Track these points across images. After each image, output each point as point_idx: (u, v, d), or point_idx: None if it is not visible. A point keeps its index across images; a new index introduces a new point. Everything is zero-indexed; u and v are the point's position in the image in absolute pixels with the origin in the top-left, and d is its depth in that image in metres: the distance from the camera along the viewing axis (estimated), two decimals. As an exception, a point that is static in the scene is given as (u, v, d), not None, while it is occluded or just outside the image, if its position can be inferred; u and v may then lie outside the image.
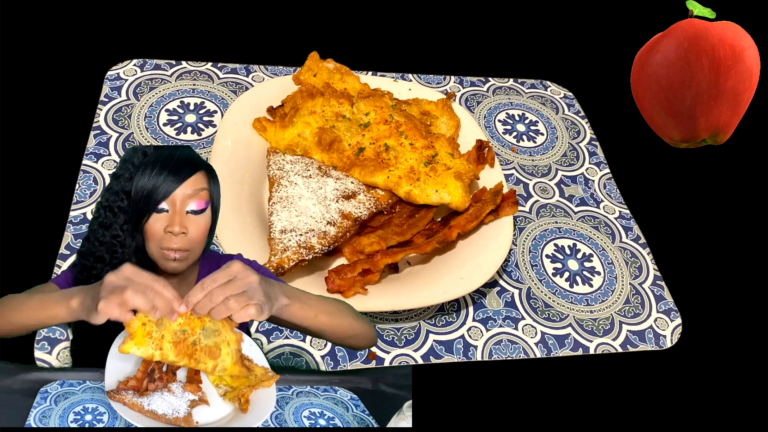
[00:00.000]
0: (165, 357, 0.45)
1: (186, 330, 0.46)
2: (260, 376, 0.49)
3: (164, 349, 0.45)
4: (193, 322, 0.46)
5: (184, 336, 0.46)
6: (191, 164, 0.54)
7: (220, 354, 0.47)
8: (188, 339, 0.46)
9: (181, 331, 0.46)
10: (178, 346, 0.45)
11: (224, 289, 0.45)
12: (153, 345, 0.44)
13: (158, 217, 0.52)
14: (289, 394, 0.53)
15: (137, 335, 0.44)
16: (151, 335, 0.44)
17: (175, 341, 0.45)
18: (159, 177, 0.52)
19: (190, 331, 0.46)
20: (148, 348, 0.44)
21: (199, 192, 0.53)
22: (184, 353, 0.45)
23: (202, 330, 0.46)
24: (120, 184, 0.53)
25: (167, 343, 0.45)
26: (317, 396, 0.54)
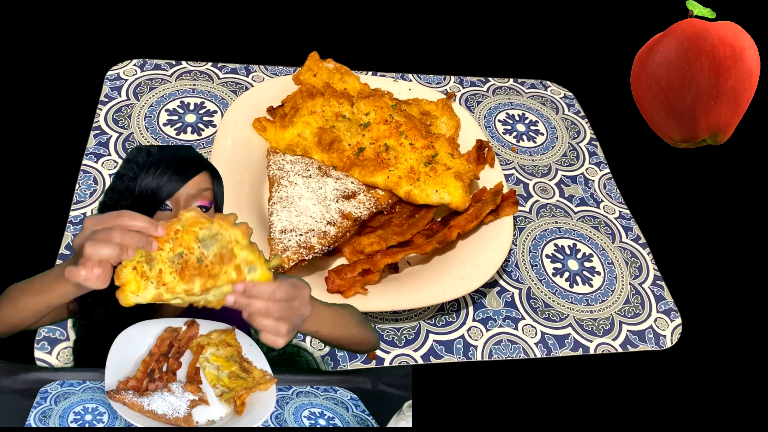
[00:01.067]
0: (173, 290, 0.41)
1: (182, 252, 0.41)
2: (258, 378, 0.49)
3: (168, 282, 0.41)
4: (185, 239, 0.41)
5: (183, 259, 0.41)
6: (195, 164, 0.54)
7: (234, 255, 0.43)
8: (190, 259, 0.42)
9: (177, 256, 0.41)
10: (183, 272, 0.41)
11: (284, 309, 0.44)
12: (154, 284, 0.41)
13: (162, 215, 0.52)
14: (289, 394, 0.53)
15: (129, 282, 0.40)
16: (146, 275, 0.40)
17: (176, 269, 0.41)
18: (163, 177, 0.52)
19: (187, 250, 0.42)
20: (150, 289, 0.40)
21: (203, 192, 0.53)
22: (193, 275, 0.41)
23: (200, 242, 0.42)
24: (124, 183, 0.53)
25: (169, 275, 0.41)
26: (317, 396, 0.54)
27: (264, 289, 0.43)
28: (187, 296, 0.42)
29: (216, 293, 0.43)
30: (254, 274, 0.43)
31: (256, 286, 0.43)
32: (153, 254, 0.41)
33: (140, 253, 0.41)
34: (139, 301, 0.41)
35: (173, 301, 0.42)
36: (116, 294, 0.41)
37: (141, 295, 0.40)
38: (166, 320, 0.51)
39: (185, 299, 0.42)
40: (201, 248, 0.42)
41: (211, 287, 0.42)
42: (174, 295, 0.41)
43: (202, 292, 0.42)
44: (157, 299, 0.41)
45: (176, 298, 0.42)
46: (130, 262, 0.40)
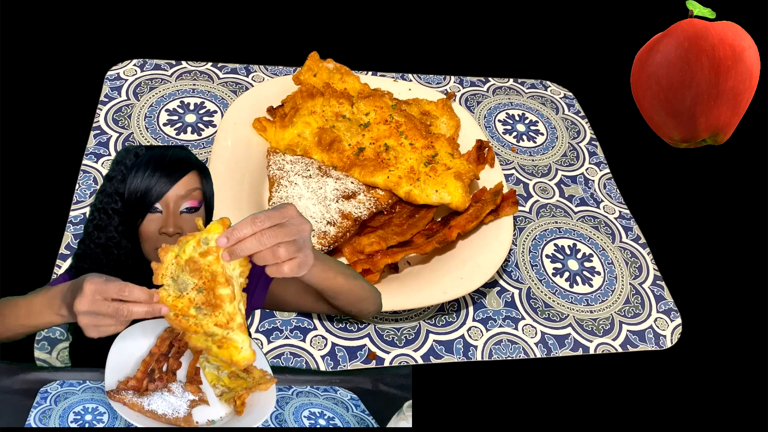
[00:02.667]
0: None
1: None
2: (258, 378, 0.49)
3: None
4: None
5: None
6: (183, 164, 0.54)
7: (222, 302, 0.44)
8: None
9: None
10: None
11: (276, 233, 0.41)
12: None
13: (152, 217, 0.52)
14: (289, 394, 0.53)
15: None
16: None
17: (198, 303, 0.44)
18: (152, 178, 0.52)
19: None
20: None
21: (192, 192, 0.53)
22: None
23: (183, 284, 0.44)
24: (113, 186, 0.53)
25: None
26: (317, 396, 0.53)
27: (244, 226, 0.42)
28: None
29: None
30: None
31: (236, 228, 0.42)
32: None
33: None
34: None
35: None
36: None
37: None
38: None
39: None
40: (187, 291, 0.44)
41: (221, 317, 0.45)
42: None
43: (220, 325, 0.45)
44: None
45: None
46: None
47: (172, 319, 0.44)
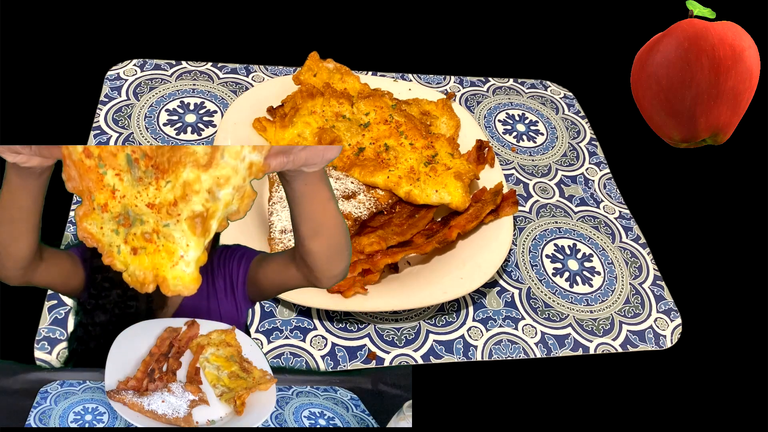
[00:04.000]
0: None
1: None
2: (258, 378, 0.49)
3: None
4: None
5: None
6: None
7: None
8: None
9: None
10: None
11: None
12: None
13: None
14: (289, 394, 0.53)
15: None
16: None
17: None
18: None
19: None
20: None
21: None
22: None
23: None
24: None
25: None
26: (317, 396, 0.54)
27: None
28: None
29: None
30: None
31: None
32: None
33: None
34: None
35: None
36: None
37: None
38: (166, 320, 0.51)
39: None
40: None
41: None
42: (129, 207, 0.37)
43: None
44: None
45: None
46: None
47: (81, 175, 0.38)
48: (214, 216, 0.37)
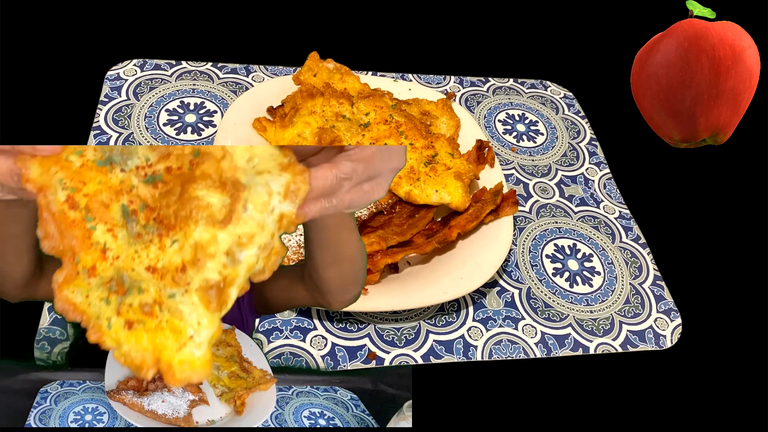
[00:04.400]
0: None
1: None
2: (258, 378, 0.49)
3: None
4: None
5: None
6: None
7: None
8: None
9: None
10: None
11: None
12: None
13: None
14: (289, 394, 0.53)
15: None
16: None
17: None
18: None
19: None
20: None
21: None
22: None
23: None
24: None
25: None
26: (317, 396, 0.54)
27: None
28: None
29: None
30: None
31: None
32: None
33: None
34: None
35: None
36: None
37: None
38: (166, 320, 0.51)
39: None
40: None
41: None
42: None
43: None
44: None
45: None
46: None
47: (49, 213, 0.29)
48: (233, 283, 0.29)
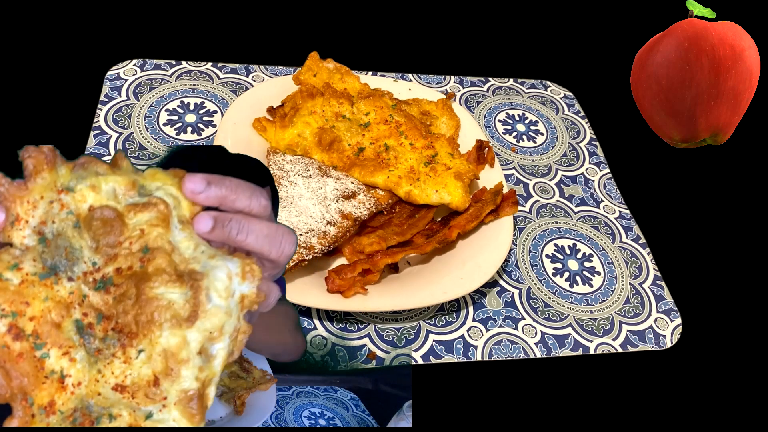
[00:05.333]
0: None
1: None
2: (258, 378, 0.49)
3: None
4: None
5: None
6: (263, 177, 0.52)
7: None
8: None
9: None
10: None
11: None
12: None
13: None
14: (289, 394, 0.53)
15: None
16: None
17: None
18: None
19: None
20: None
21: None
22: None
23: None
24: None
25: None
26: (317, 396, 0.54)
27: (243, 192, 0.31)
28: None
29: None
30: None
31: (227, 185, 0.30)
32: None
33: None
34: None
35: None
36: None
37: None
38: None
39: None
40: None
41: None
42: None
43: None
44: None
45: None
46: None
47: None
48: (211, 383, 0.26)
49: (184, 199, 0.28)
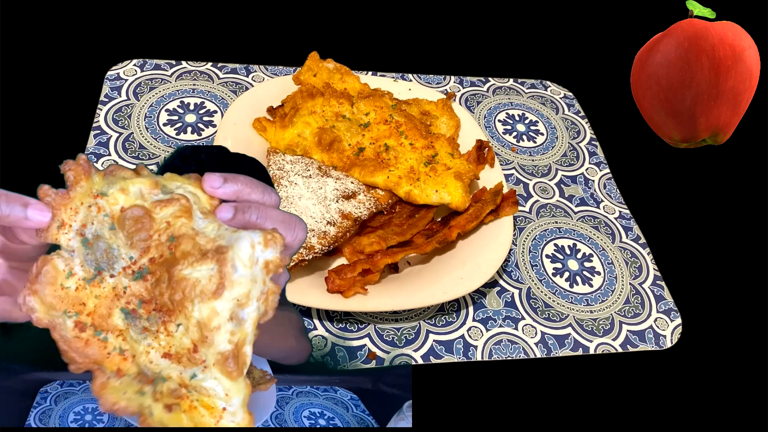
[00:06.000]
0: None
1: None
2: (258, 378, 0.49)
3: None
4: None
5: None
6: (264, 178, 0.52)
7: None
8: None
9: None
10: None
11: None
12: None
13: None
14: (289, 394, 0.53)
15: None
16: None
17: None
18: None
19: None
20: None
21: None
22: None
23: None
24: None
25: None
26: (317, 396, 0.54)
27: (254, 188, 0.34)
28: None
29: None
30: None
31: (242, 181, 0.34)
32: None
33: None
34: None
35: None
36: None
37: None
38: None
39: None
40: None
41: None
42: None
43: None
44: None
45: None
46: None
47: (61, 329, 0.30)
48: (245, 342, 0.30)
49: (203, 195, 0.33)
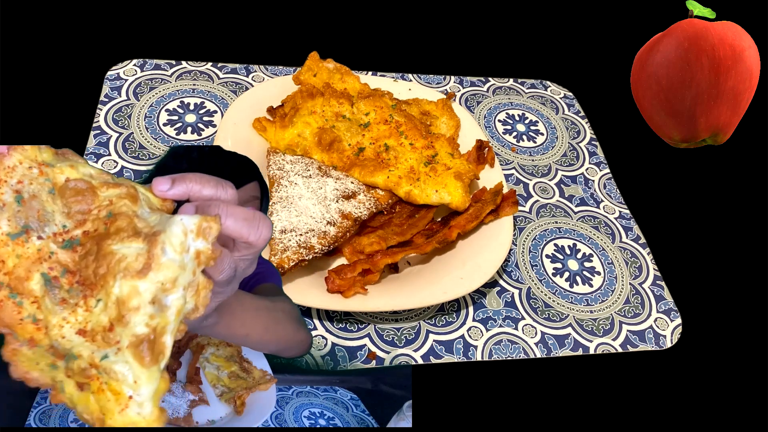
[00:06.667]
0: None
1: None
2: (258, 378, 0.49)
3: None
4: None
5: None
6: (250, 172, 0.52)
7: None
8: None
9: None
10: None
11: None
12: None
13: None
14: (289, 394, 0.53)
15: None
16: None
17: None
18: None
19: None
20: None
21: (253, 200, 0.52)
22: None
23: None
24: None
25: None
26: (317, 396, 0.54)
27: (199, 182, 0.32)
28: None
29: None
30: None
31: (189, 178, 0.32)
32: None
33: None
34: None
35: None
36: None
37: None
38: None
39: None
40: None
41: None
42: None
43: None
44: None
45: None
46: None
47: None
48: (165, 331, 0.28)
49: (156, 199, 0.32)
